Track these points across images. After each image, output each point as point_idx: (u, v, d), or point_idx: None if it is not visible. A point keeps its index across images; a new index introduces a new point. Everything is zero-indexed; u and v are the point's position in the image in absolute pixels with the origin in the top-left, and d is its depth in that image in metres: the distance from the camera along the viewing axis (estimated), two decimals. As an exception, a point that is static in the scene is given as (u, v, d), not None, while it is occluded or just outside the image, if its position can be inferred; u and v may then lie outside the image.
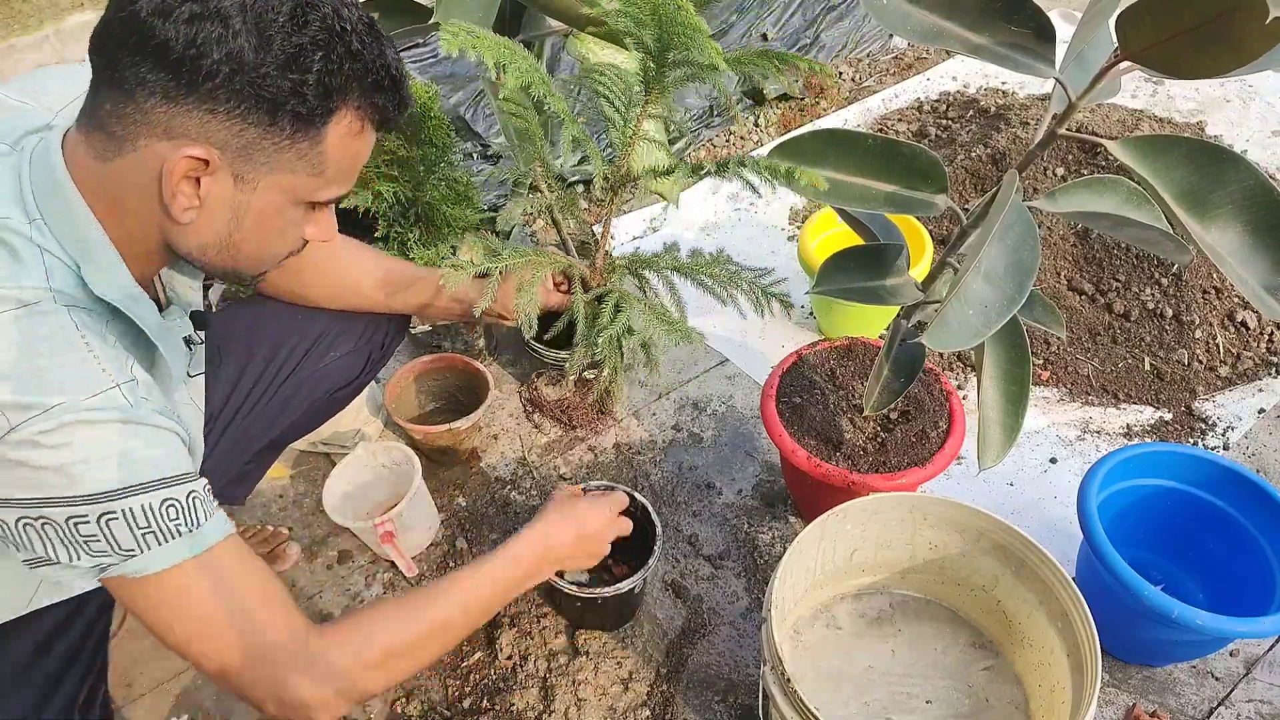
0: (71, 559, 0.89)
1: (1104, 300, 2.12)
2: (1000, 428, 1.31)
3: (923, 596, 1.58)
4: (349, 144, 0.96)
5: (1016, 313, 1.06)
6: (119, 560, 0.90)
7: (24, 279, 0.88)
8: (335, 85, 0.90)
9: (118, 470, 0.87)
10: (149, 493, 0.89)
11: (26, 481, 0.85)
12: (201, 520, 0.94)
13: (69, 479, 0.85)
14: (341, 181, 1.00)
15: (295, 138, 0.91)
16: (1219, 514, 1.54)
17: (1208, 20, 0.87)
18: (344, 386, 1.54)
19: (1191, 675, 1.56)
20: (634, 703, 1.54)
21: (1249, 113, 2.77)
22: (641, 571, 1.50)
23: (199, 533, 0.93)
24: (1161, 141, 1.03)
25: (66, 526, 0.87)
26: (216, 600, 0.95)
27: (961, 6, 1.11)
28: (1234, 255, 1.00)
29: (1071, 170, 2.25)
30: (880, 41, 3.31)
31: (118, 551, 0.89)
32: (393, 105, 0.98)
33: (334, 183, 0.99)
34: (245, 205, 0.95)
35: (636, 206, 2.62)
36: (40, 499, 0.85)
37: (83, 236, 0.92)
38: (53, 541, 0.88)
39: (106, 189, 0.92)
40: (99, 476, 0.86)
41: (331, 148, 0.95)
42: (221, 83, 0.86)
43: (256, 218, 0.96)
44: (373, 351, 1.56)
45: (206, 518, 0.95)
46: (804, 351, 1.74)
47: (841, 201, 1.28)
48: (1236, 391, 2.01)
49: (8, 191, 0.91)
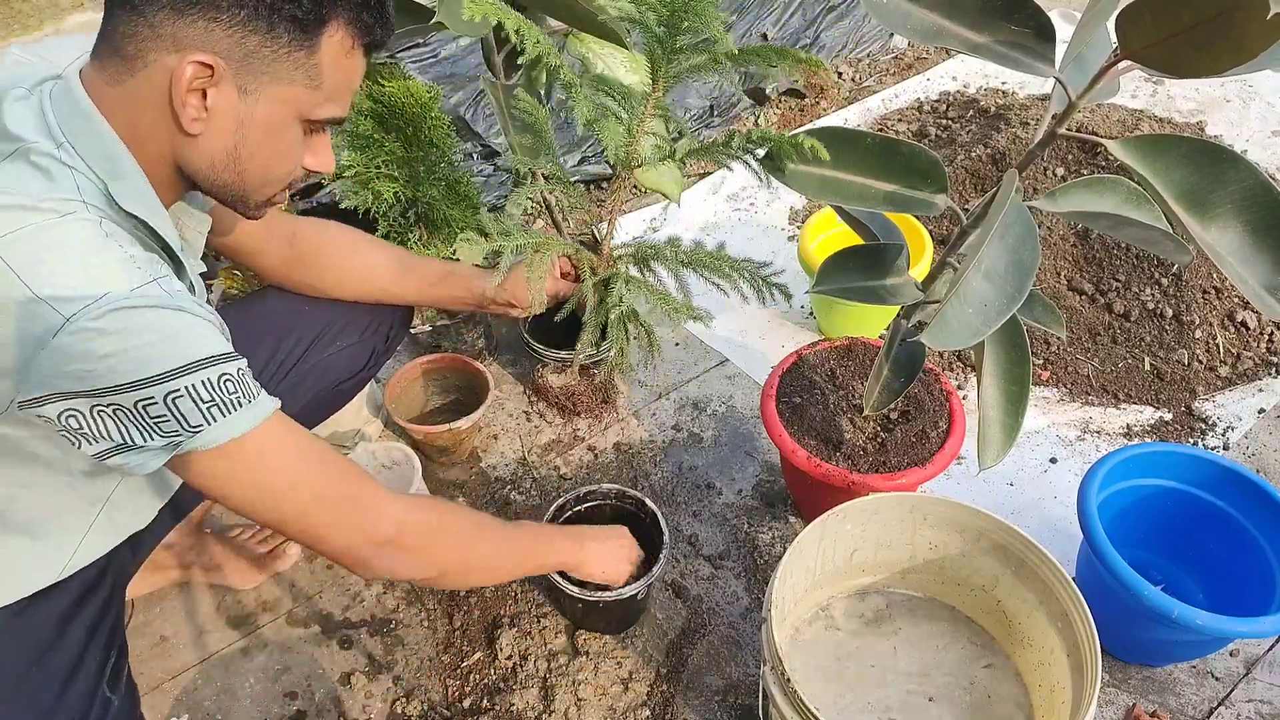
0: (146, 440, 0.93)
1: (1104, 300, 2.11)
2: (1000, 427, 1.31)
3: (923, 596, 1.58)
4: (342, 62, 1.01)
5: (1016, 312, 1.06)
6: (189, 435, 0.94)
7: (58, 193, 0.92)
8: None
9: (174, 350, 0.91)
10: (206, 369, 0.93)
11: (92, 371, 0.88)
12: (255, 393, 0.99)
13: (131, 363, 0.89)
14: (337, 100, 1.04)
15: (292, 46, 0.96)
16: (1219, 514, 1.54)
17: (1207, 19, 0.87)
18: (348, 378, 1.56)
19: (1191, 675, 1.56)
20: (634, 703, 1.54)
21: (1249, 112, 2.77)
22: (645, 578, 1.50)
23: (257, 403, 0.99)
24: (1161, 141, 1.03)
25: (136, 411, 0.91)
26: (289, 461, 1.03)
27: (962, 6, 1.11)
28: (1234, 255, 1.00)
29: (1071, 170, 2.25)
30: (880, 41, 3.31)
31: (187, 428, 0.93)
32: (379, 24, 1.02)
33: (330, 100, 1.03)
34: (250, 117, 0.99)
35: (637, 206, 2.62)
36: (108, 387, 0.88)
37: (109, 155, 0.96)
38: (126, 426, 0.92)
39: (124, 111, 0.96)
40: (158, 357, 0.90)
41: (326, 61, 0.99)
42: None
43: (260, 131, 1.00)
44: (377, 344, 1.58)
45: (258, 390, 1.00)
46: (804, 351, 1.74)
47: (841, 200, 1.28)
48: (1236, 391, 2.01)
49: (33, 123, 0.95)
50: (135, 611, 1.69)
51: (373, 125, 1.81)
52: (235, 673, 1.61)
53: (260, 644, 1.65)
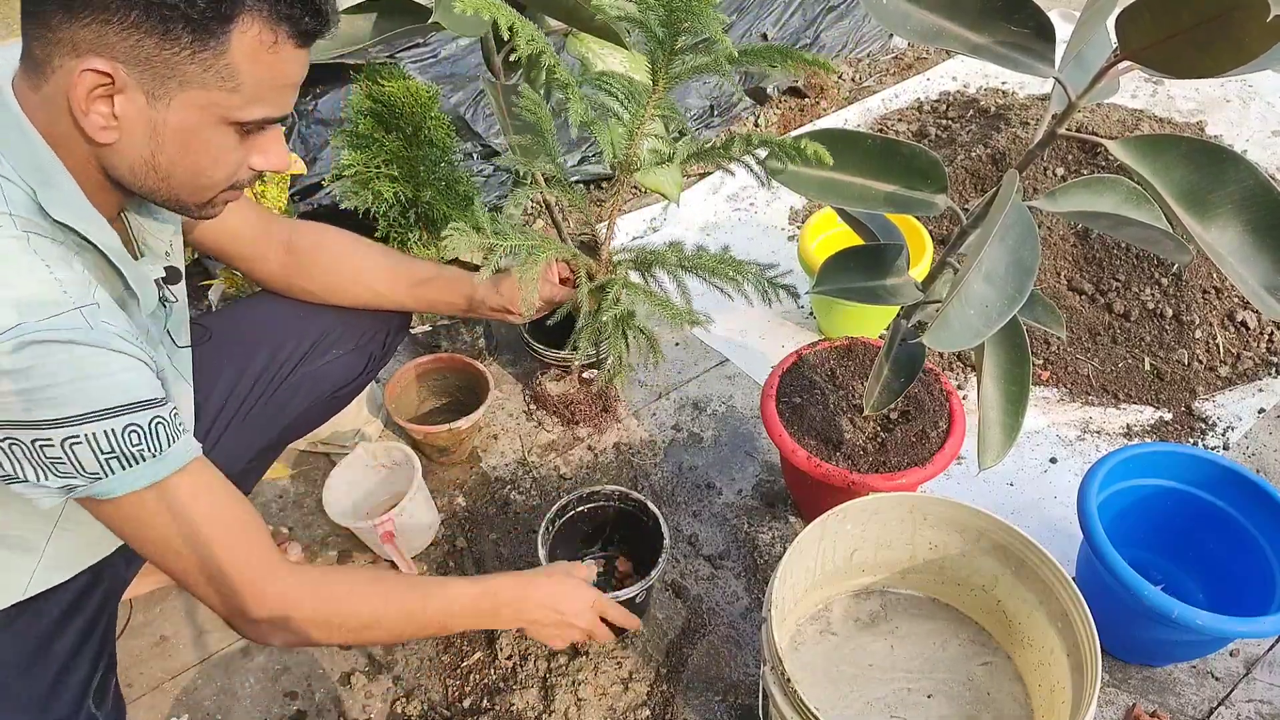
0: (39, 479, 0.90)
1: (1104, 300, 2.11)
2: (1000, 427, 1.31)
3: (923, 596, 1.58)
4: (262, 58, 0.92)
5: (1017, 313, 1.06)
6: (85, 483, 0.91)
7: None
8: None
9: (81, 395, 0.87)
10: (112, 419, 0.89)
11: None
12: (165, 445, 0.95)
13: (31, 403, 0.85)
14: (266, 101, 0.95)
15: (195, 48, 0.88)
16: (1219, 514, 1.54)
17: (1207, 19, 0.87)
18: (345, 385, 1.54)
19: (1191, 675, 1.56)
20: (634, 703, 1.54)
21: (1249, 113, 2.77)
22: (644, 581, 1.50)
23: (164, 457, 0.95)
24: (1161, 141, 1.03)
25: (32, 448, 0.88)
26: (180, 524, 0.98)
27: (961, 6, 1.11)
28: (1234, 254, 1.00)
29: (1072, 170, 2.25)
30: (880, 41, 3.31)
31: (83, 474, 0.90)
32: (306, 12, 0.93)
33: (255, 100, 0.94)
34: (163, 124, 0.92)
35: (636, 206, 2.62)
36: (7, 420, 0.86)
37: (39, 164, 0.92)
38: (20, 461, 0.89)
39: (44, 118, 0.92)
40: (62, 400, 0.86)
41: (241, 59, 0.91)
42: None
43: (178, 138, 0.94)
44: (374, 350, 1.56)
45: (171, 442, 0.95)
46: (804, 351, 1.74)
47: (841, 201, 1.28)
48: (1236, 391, 2.01)
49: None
50: (135, 611, 1.69)
51: (373, 125, 1.81)
52: (235, 672, 1.61)
53: (259, 644, 1.65)
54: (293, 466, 1.95)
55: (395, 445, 1.77)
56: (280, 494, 1.91)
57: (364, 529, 1.65)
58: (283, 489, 1.92)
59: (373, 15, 1.57)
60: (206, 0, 0.87)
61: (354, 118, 1.82)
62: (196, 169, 0.97)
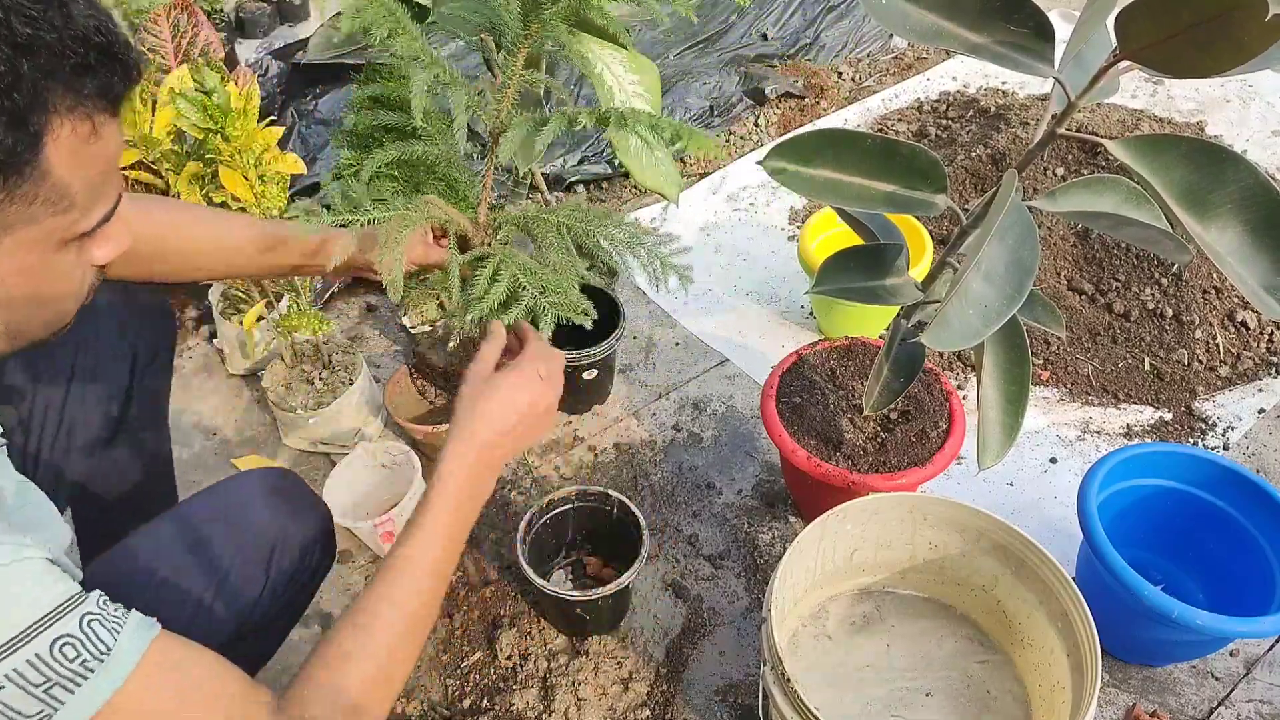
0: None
1: (1104, 300, 2.11)
2: (1000, 427, 1.31)
3: (923, 596, 1.58)
4: (84, 154, 0.75)
5: (1016, 312, 1.06)
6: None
7: None
8: (24, 105, 0.69)
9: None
10: (30, 640, 0.72)
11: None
12: (110, 643, 0.77)
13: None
14: (101, 197, 0.79)
15: (8, 190, 0.71)
16: (1219, 514, 1.54)
17: (1207, 18, 0.87)
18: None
19: (1191, 675, 1.56)
20: (634, 703, 1.54)
21: (1249, 113, 2.77)
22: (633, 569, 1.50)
23: (112, 659, 0.77)
24: (1161, 141, 1.03)
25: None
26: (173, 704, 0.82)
27: (960, 6, 1.11)
28: (1233, 254, 1.00)
29: (1072, 170, 2.25)
30: (880, 41, 3.30)
31: (29, 718, 0.73)
32: (116, 77, 0.75)
33: (91, 206, 0.78)
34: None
35: (636, 206, 2.62)
36: None
37: None
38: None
39: None
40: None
41: (64, 172, 0.73)
42: None
43: (19, 281, 0.78)
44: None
45: (116, 634, 0.78)
46: (804, 351, 1.74)
47: (841, 201, 1.28)
48: (1236, 391, 2.00)
49: None
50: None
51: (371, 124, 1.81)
52: (235, 673, 1.61)
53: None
54: (292, 466, 1.95)
55: (395, 445, 1.77)
56: (280, 494, 1.91)
57: (364, 529, 1.65)
58: (283, 489, 1.92)
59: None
60: (10, 138, 0.69)
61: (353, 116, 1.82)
62: (49, 301, 0.83)
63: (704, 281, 2.37)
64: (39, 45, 0.68)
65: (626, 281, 2.33)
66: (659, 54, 2.98)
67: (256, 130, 1.63)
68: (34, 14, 0.68)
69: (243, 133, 1.59)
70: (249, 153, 1.61)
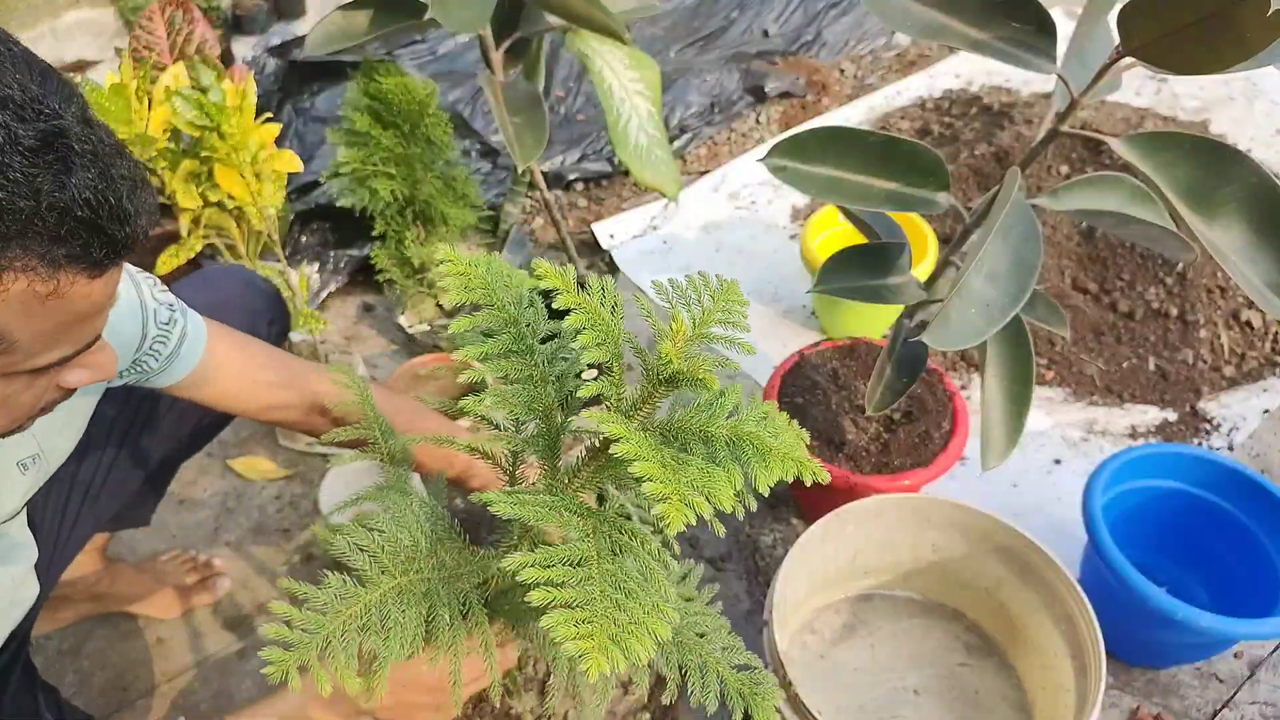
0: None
1: (1108, 299, 2.10)
2: (1003, 428, 1.30)
3: (926, 599, 1.57)
4: (38, 308, 0.69)
5: (1020, 312, 1.05)
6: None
7: None
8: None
9: None
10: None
11: None
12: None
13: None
14: (55, 345, 0.74)
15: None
16: (1223, 515, 1.53)
17: (1208, 14, 0.86)
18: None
19: (1196, 677, 1.55)
20: (634, 705, 1.53)
21: (1254, 110, 2.75)
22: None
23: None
24: (1164, 138, 1.02)
25: None
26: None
27: (962, 2, 1.10)
28: (1238, 253, 0.99)
29: (1075, 168, 2.23)
30: (883, 38, 3.29)
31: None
32: (97, 246, 0.69)
33: (38, 352, 0.73)
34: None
35: (636, 204, 2.61)
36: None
37: None
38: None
39: None
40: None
41: (6, 319, 0.68)
42: None
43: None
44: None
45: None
46: (806, 351, 1.73)
47: (843, 200, 1.27)
48: (1241, 392, 1.99)
49: None
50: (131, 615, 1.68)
51: (369, 122, 1.80)
52: (231, 675, 1.60)
53: (257, 646, 1.64)
54: (289, 467, 1.94)
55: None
56: (277, 495, 1.90)
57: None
58: (279, 489, 1.91)
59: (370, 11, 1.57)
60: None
61: (350, 115, 1.81)
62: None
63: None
64: (4, 210, 0.63)
65: (626, 281, 2.32)
66: (659, 50, 2.97)
67: (253, 128, 1.62)
68: (17, 176, 0.63)
69: (239, 130, 1.58)
70: (245, 150, 1.61)
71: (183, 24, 2.02)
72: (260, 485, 1.91)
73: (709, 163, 2.75)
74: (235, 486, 1.92)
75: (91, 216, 0.67)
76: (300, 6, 3.22)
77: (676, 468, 0.76)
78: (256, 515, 1.87)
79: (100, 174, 0.68)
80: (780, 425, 0.87)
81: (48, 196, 0.64)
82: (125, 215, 0.70)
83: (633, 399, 0.88)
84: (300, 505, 1.88)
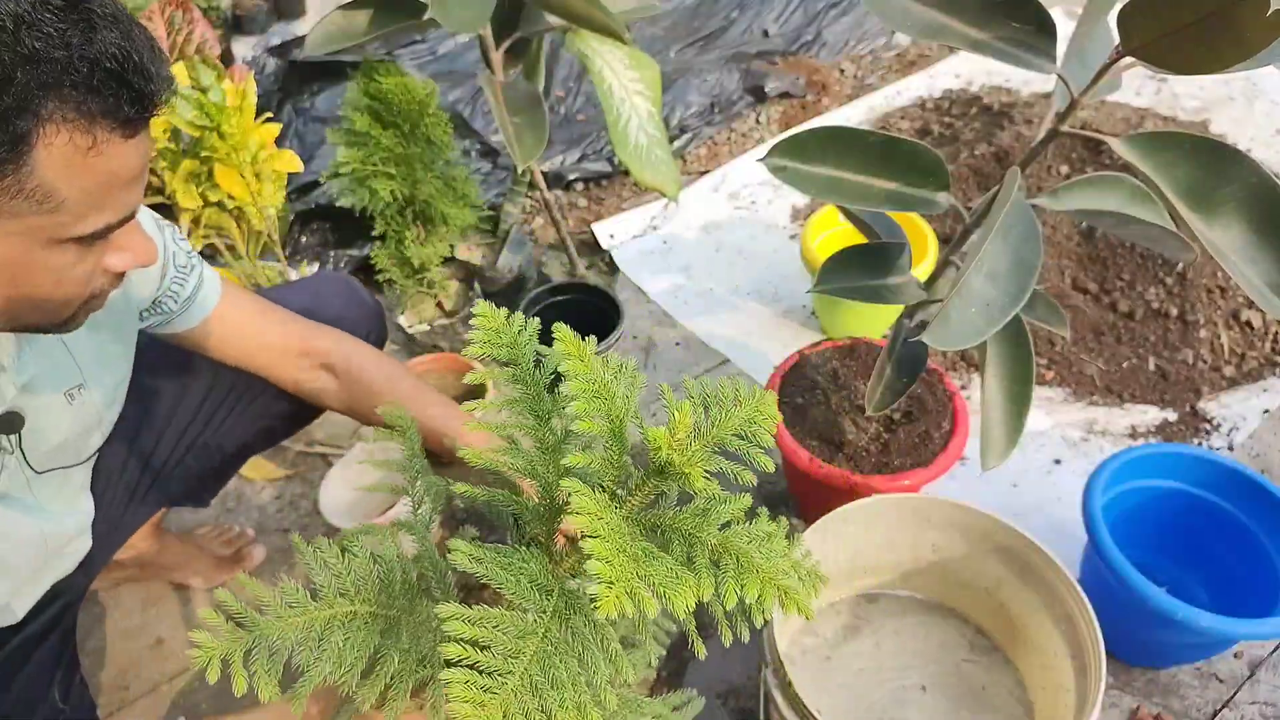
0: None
1: (1109, 299, 2.10)
2: (1003, 428, 1.30)
3: (926, 599, 1.57)
4: (81, 164, 0.77)
5: (1020, 312, 1.05)
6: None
7: None
8: (10, 108, 0.72)
9: None
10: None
11: None
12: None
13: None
14: (102, 208, 0.82)
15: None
16: (1223, 515, 1.53)
17: (1208, 14, 0.86)
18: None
19: (1196, 677, 1.55)
20: (633, 705, 1.53)
21: (1254, 111, 2.75)
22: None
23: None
24: (1164, 138, 1.02)
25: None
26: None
27: (962, 2, 1.10)
28: (1238, 253, 0.99)
29: (1075, 168, 2.23)
30: (883, 38, 3.29)
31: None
32: (123, 100, 0.77)
33: (86, 213, 0.81)
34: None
35: (636, 204, 2.61)
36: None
37: None
38: None
39: None
40: None
41: (54, 177, 0.76)
42: None
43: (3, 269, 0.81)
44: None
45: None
46: (806, 351, 1.72)
47: (843, 200, 1.27)
48: (1241, 392, 1.99)
49: None
50: (131, 614, 1.68)
51: (369, 122, 1.80)
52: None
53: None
54: (289, 467, 1.94)
55: (393, 445, 1.76)
56: (277, 495, 1.90)
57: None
58: (279, 490, 1.91)
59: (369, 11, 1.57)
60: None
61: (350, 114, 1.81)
62: (35, 296, 0.86)
63: (705, 281, 2.36)
64: (43, 59, 0.72)
65: (626, 281, 2.32)
66: (659, 50, 2.97)
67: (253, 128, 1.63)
68: (50, 31, 0.72)
69: (239, 130, 1.58)
70: (245, 150, 1.61)
71: (183, 24, 2.03)
72: (260, 485, 1.91)
73: (709, 163, 2.75)
74: (236, 486, 1.92)
75: (119, 69, 0.76)
76: (300, 6, 3.22)
77: (641, 560, 0.72)
78: (256, 515, 1.87)
79: (123, 34, 0.77)
80: (777, 548, 0.85)
81: (78, 49, 0.73)
82: (149, 73, 0.79)
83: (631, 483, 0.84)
84: (300, 505, 1.88)
